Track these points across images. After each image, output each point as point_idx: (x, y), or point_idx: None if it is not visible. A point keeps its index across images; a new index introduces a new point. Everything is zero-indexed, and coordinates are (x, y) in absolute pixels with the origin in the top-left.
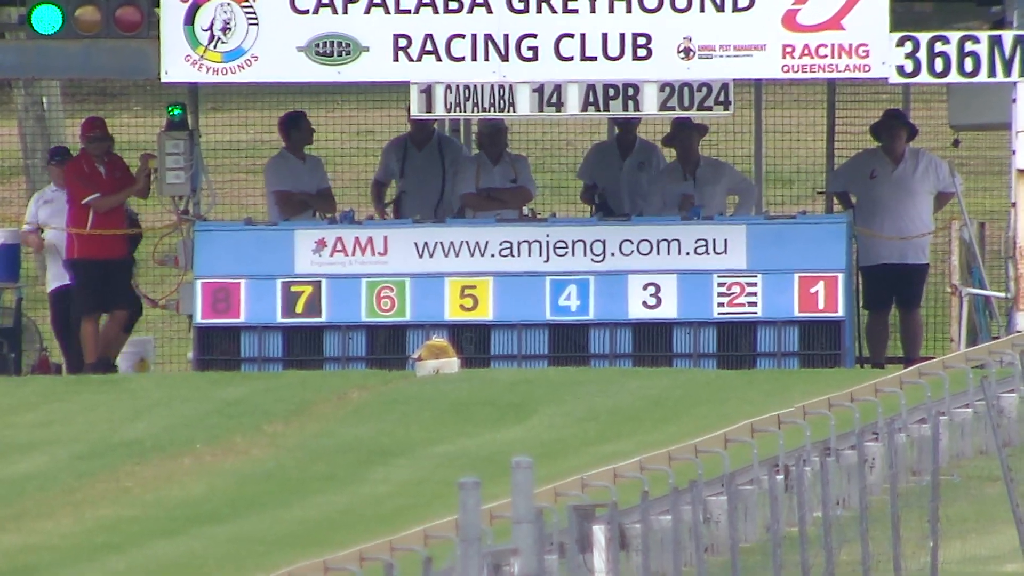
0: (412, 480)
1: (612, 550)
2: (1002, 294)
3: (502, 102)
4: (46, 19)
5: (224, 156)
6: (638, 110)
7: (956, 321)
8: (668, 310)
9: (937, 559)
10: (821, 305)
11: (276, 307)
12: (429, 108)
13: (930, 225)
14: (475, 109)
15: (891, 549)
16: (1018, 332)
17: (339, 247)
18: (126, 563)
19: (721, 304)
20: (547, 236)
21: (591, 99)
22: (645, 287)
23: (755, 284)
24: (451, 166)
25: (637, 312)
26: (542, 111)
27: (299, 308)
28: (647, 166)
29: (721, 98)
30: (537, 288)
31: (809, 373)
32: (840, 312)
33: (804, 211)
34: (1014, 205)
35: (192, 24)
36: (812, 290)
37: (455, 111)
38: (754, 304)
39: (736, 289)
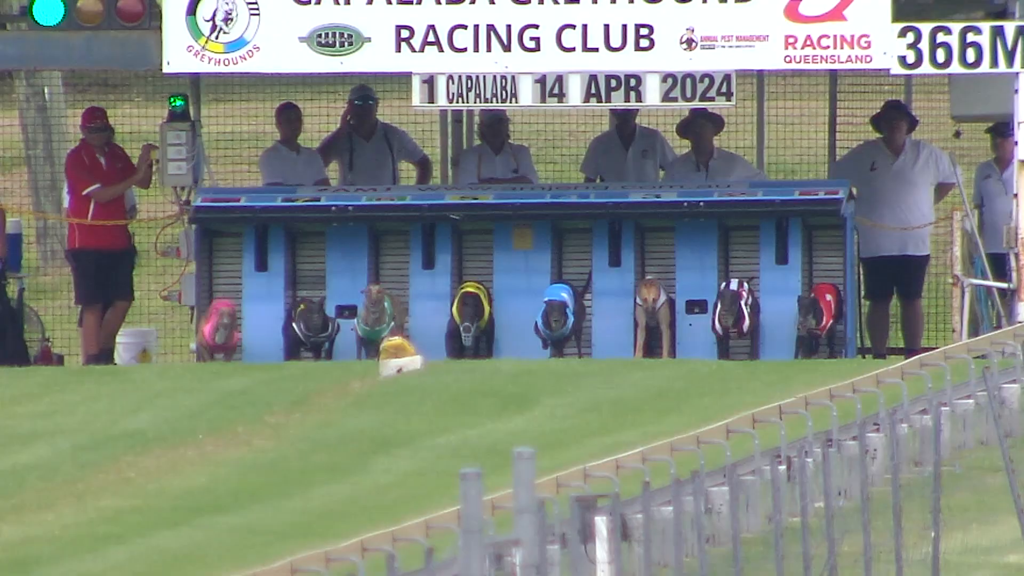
0: (414, 471)
1: (614, 541)
2: (1003, 284)
3: (504, 93)
4: (48, 10)
5: (226, 147)
6: (640, 101)
7: (958, 312)
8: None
9: (939, 549)
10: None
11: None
12: (431, 99)
13: (931, 216)
14: (477, 100)
15: (893, 540)
16: (1020, 322)
17: None
18: (128, 554)
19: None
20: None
21: (593, 90)
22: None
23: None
24: (399, 154)
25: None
26: (544, 102)
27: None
28: (651, 153)
29: (723, 89)
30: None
31: (810, 364)
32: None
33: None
34: (1016, 196)
35: (194, 14)
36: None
37: (457, 102)
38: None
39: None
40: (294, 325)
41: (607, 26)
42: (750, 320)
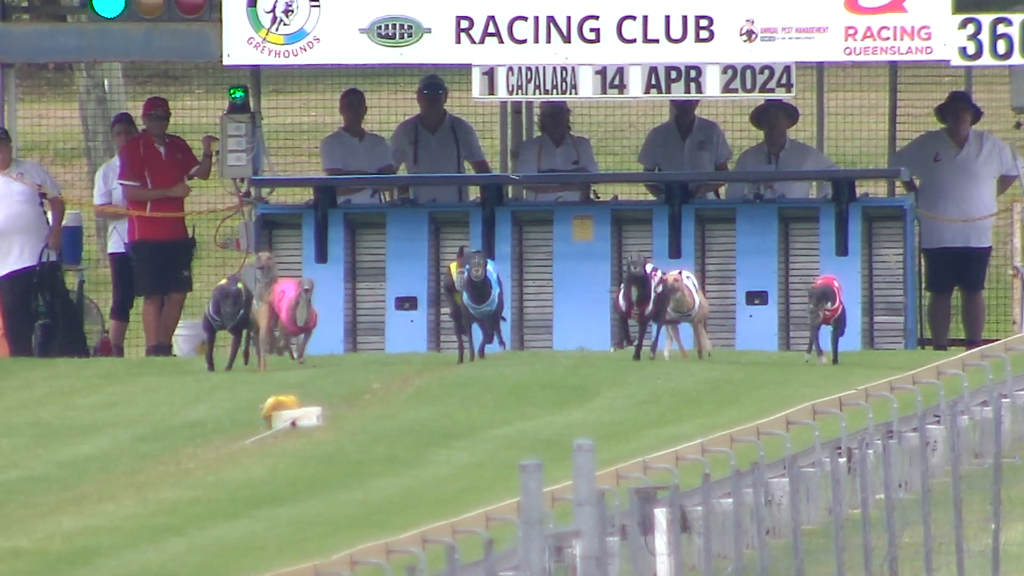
0: (474, 462)
1: (674, 532)
2: None
3: (564, 84)
4: (108, 2)
5: (286, 138)
6: (700, 92)
7: (1018, 303)
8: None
9: (999, 541)
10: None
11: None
12: (491, 90)
13: (993, 208)
14: (537, 92)
15: (953, 531)
16: None
17: None
18: (187, 545)
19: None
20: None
21: (653, 81)
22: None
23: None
24: (464, 148)
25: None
26: (604, 93)
27: None
28: (708, 145)
29: (783, 80)
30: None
31: (871, 355)
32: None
33: (867, 193)
34: None
35: (254, 6)
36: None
37: (517, 93)
38: None
39: None
40: (208, 309)
41: (667, 17)
42: (653, 305)
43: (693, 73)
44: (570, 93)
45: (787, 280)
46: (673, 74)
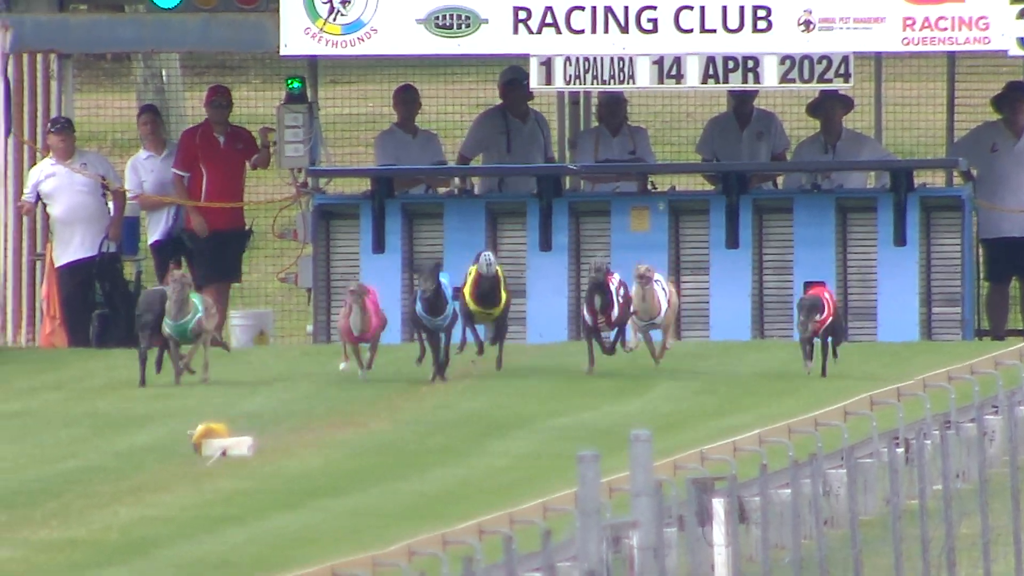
0: (530, 453)
1: (731, 523)
2: None
3: (622, 74)
4: None
5: (343, 129)
6: (758, 83)
7: None
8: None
9: None
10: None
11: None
12: (549, 81)
13: None
14: (595, 81)
15: (1011, 522)
16: None
17: None
18: (245, 535)
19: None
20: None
21: (711, 71)
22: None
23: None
24: (546, 139)
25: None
26: (662, 83)
27: None
28: (766, 135)
29: (841, 71)
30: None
31: (929, 345)
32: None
33: (925, 183)
34: None
35: None
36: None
37: (574, 83)
38: None
39: None
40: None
41: (724, 7)
42: (619, 312)
43: (751, 63)
44: (627, 83)
45: (844, 270)
46: (730, 64)
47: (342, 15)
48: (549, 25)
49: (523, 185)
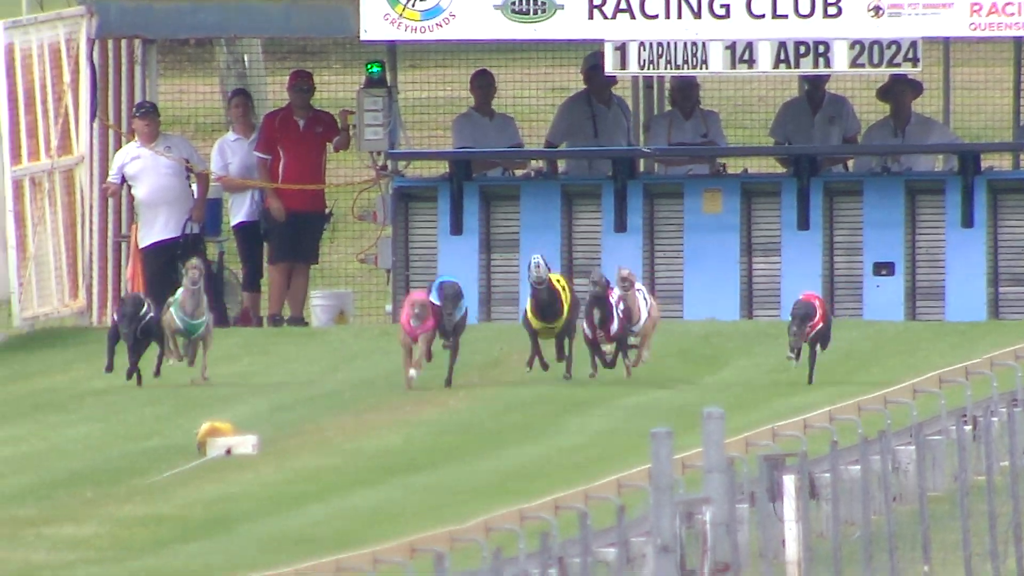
0: (606, 430)
1: (802, 499)
2: None
3: (695, 59)
4: None
5: (422, 112)
6: (829, 67)
7: None
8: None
9: None
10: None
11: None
12: (623, 65)
13: None
14: (668, 66)
15: None
16: None
17: None
18: (326, 512)
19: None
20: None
21: (782, 56)
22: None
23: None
24: (628, 123)
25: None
26: (734, 68)
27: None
28: (838, 119)
29: (910, 55)
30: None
31: (996, 325)
32: None
33: (992, 166)
34: None
35: None
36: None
37: (648, 68)
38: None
39: None
40: (114, 317)
41: None
42: (619, 327)
43: (821, 48)
44: (700, 68)
45: (913, 251)
46: (802, 49)
47: (421, 1)
48: (623, 11)
49: (604, 168)
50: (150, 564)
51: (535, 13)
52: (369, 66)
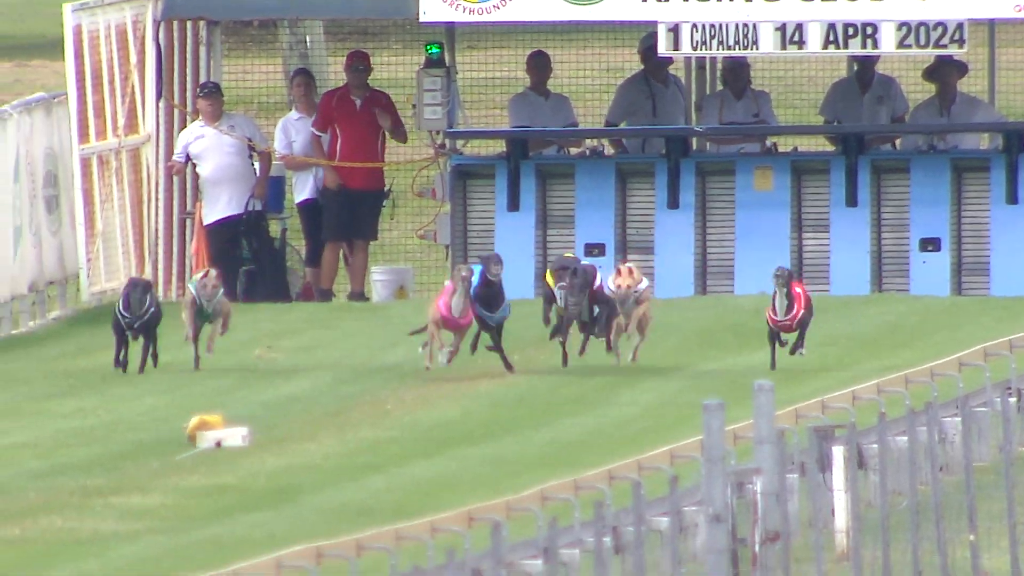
0: (658, 402)
1: (850, 469)
2: None
3: (745, 40)
4: None
5: (479, 92)
6: (876, 48)
7: None
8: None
9: None
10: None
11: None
12: (676, 46)
13: None
14: (720, 47)
15: None
16: None
17: None
18: (386, 482)
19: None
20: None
21: (831, 37)
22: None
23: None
24: (686, 102)
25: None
26: (784, 49)
27: None
28: (886, 99)
29: (956, 37)
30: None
31: None
32: None
33: None
34: None
35: None
36: None
37: (701, 49)
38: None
39: None
40: (119, 306)
41: None
42: (600, 311)
43: (869, 30)
44: (751, 49)
45: (959, 227)
46: (850, 31)
47: None
48: None
49: (661, 147)
50: (214, 533)
51: None
52: (428, 47)
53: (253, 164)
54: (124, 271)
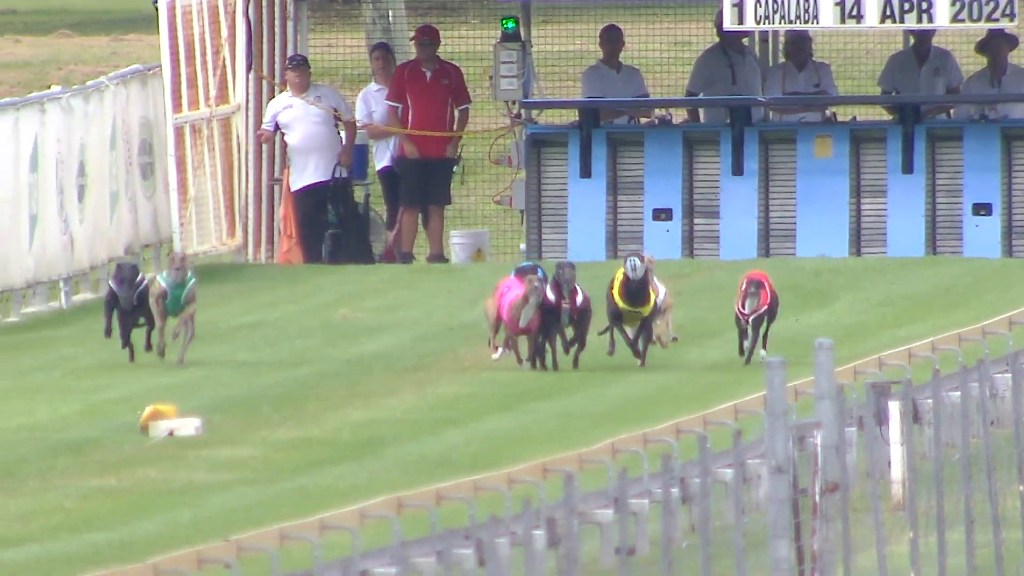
0: (723, 360)
1: (906, 423)
2: None
3: (807, 15)
4: None
5: (553, 64)
6: (931, 22)
7: None
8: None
9: None
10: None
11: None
12: (741, 21)
13: None
14: (782, 21)
15: None
16: None
17: None
18: (463, 436)
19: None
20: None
21: (888, 12)
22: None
23: None
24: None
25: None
26: (843, 23)
27: None
28: (942, 71)
29: (1007, 11)
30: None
31: None
32: None
33: None
34: None
35: None
36: None
37: (764, 24)
38: None
39: None
40: (112, 283)
41: None
42: (583, 297)
43: (924, 4)
44: (812, 23)
45: (1010, 193)
46: (906, 5)
47: None
48: None
49: (727, 116)
50: (301, 484)
51: None
52: (504, 21)
53: (339, 133)
54: (215, 234)
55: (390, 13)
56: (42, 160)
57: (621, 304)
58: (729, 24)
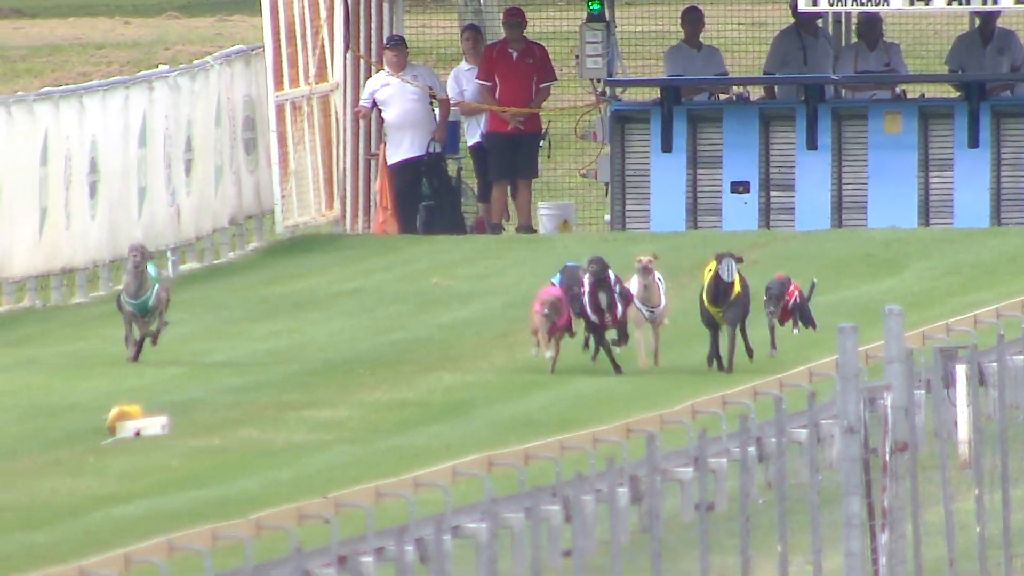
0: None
1: (972, 386)
2: None
3: None
4: None
5: (636, 44)
6: (996, 4)
7: None
8: None
9: None
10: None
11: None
12: (815, 3)
13: None
14: (854, 3)
15: None
16: None
17: None
18: (550, 398)
19: None
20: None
21: None
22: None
23: None
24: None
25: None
26: (912, 5)
27: None
28: (1007, 50)
29: None
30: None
31: None
32: None
33: None
34: None
35: None
36: None
37: (837, 5)
38: None
39: None
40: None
41: None
42: (623, 309)
43: None
44: (883, 5)
45: None
46: None
47: None
48: None
49: (802, 93)
50: (396, 443)
51: None
52: (590, 3)
53: (433, 110)
54: (315, 206)
55: None
56: (150, 136)
57: (709, 308)
58: (804, 6)
